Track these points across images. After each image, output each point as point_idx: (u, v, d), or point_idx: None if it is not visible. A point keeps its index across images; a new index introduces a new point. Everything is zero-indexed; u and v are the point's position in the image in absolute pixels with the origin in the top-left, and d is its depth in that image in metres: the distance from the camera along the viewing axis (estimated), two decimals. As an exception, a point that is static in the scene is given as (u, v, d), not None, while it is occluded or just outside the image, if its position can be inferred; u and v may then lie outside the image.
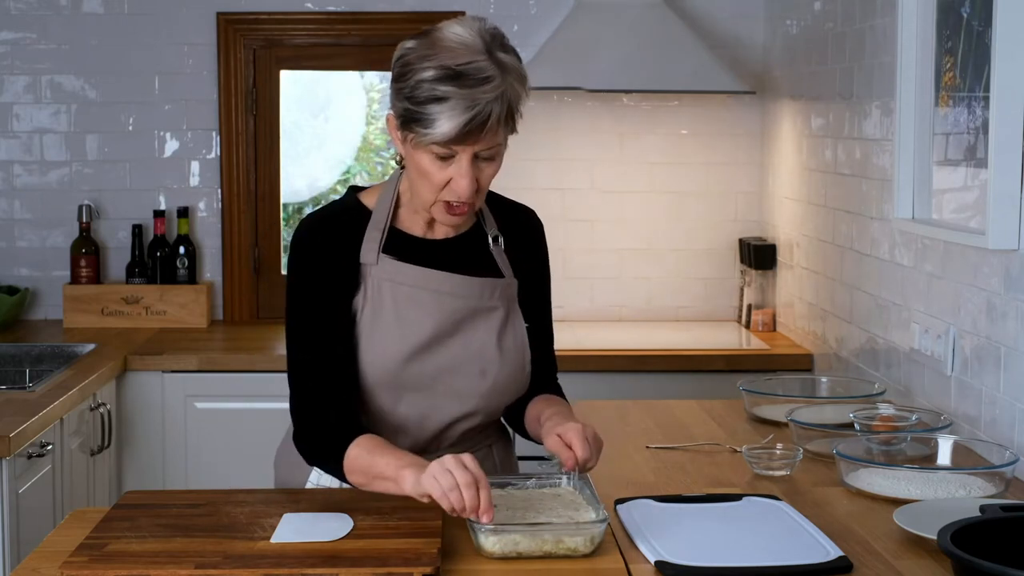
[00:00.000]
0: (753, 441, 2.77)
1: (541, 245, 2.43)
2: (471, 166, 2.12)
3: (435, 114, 2.07)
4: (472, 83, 2.06)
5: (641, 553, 2.01)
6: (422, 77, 2.08)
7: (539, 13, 4.65)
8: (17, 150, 4.66)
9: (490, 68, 2.08)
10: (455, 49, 2.09)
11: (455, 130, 2.07)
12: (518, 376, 2.34)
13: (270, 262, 4.75)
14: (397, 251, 2.27)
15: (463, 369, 2.27)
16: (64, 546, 2.01)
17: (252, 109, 4.68)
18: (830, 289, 3.90)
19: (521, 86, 2.14)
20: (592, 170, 4.72)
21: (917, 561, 2.02)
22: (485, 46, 2.10)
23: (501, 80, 2.09)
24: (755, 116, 4.72)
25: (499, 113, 2.08)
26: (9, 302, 4.46)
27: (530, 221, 2.42)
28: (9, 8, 4.62)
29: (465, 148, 2.10)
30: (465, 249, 2.31)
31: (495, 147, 2.13)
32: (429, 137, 2.09)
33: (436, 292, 2.26)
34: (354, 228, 2.27)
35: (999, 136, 2.61)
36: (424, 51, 2.10)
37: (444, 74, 2.07)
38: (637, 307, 4.78)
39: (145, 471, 4.10)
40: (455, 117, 2.06)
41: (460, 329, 2.27)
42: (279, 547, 1.96)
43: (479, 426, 2.35)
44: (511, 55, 2.14)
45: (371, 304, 2.25)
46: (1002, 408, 2.71)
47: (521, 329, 2.34)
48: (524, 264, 2.37)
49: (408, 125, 2.12)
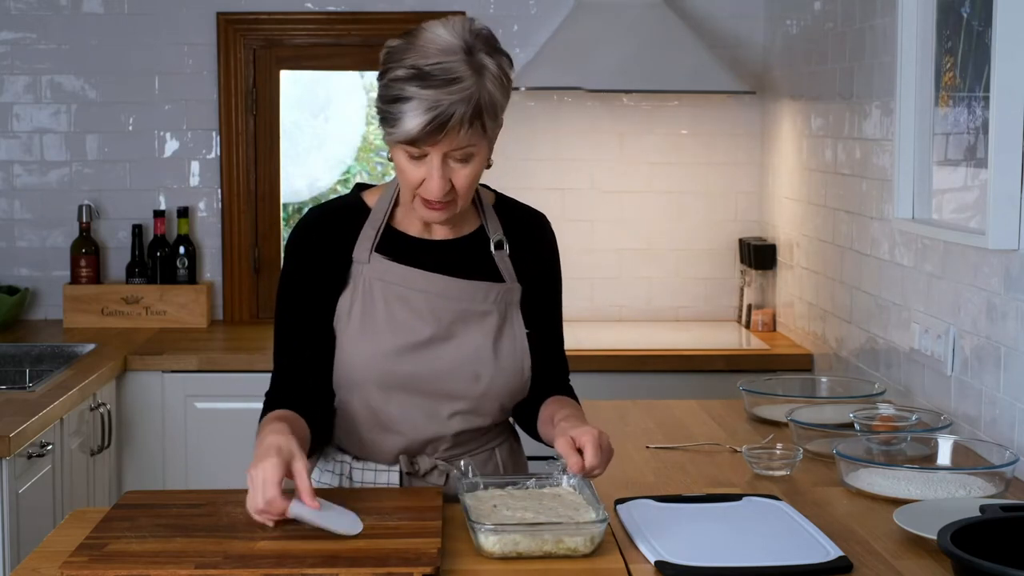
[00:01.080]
0: (753, 441, 2.77)
1: (551, 250, 2.43)
2: (441, 166, 2.13)
3: (399, 113, 2.10)
4: (437, 84, 2.08)
5: (641, 553, 2.01)
6: (393, 76, 2.12)
7: (539, 13, 4.65)
8: (17, 150, 4.66)
9: (461, 69, 2.09)
10: (428, 49, 2.11)
11: (416, 129, 2.08)
12: (515, 381, 2.32)
13: (270, 262, 4.75)
14: (392, 250, 2.28)
15: (456, 372, 2.27)
16: (64, 546, 2.01)
17: (252, 109, 4.68)
18: (830, 289, 3.90)
19: (499, 89, 2.14)
20: (592, 170, 4.72)
21: (917, 561, 2.02)
22: (465, 47, 2.11)
23: (473, 82, 2.09)
24: (755, 116, 4.72)
25: (463, 114, 2.08)
26: (9, 302, 4.46)
27: (540, 227, 2.42)
28: (9, 8, 4.62)
29: (433, 148, 2.12)
30: (465, 252, 2.31)
31: (466, 148, 2.13)
32: (394, 136, 2.12)
33: (425, 293, 2.26)
34: (351, 225, 2.28)
35: (999, 136, 2.61)
36: (401, 51, 2.14)
37: (411, 74, 2.09)
38: (637, 307, 4.78)
39: (145, 471, 4.10)
40: (417, 117, 2.08)
41: (453, 332, 2.27)
42: (279, 547, 1.96)
43: (480, 428, 2.34)
44: (496, 58, 2.14)
45: (361, 301, 2.26)
46: (1002, 408, 2.71)
47: (520, 334, 2.33)
48: (531, 269, 2.36)
49: (381, 123, 2.16)
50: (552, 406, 2.34)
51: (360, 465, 2.34)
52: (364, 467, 2.34)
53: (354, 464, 2.34)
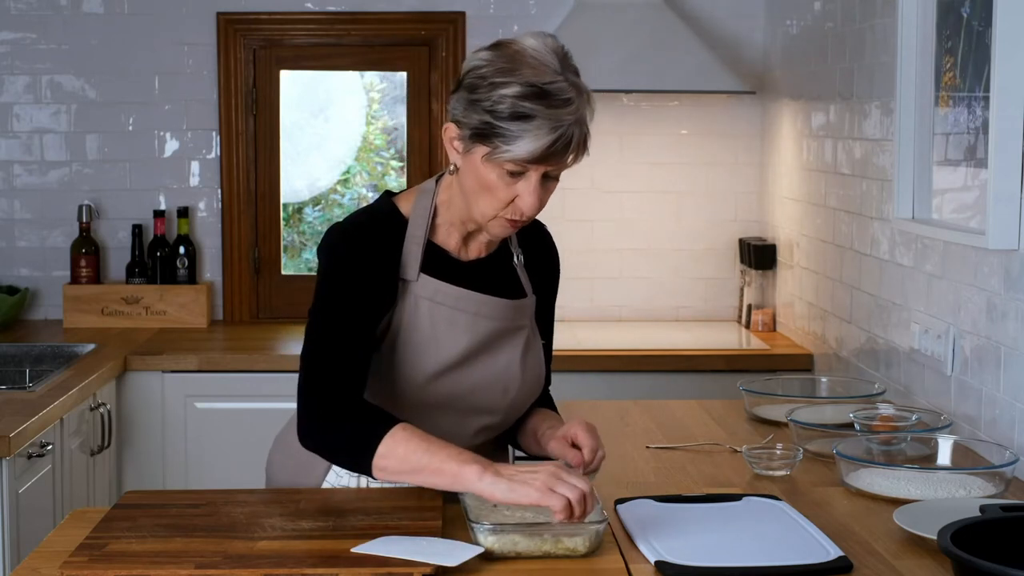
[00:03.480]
0: (753, 441, 2.77)
1: (555, 260, 2.43)
2: (539, 184, 2.11)
3: (519, 132, 2.05)
4: (557, 103, 2.04)
5: (641, 553, 2.01)
6: (506, 92, 2.05)
7: (539, 13, 4.65)
8: (17, 150, 4.66)
9: (569, 89, 2.07)
10: (539, 67, 2.06)
11: (540, 150, 2.05)
12: (535, 391, 2.35)
13: (270, 262, 4.75)
14: (435, 269, 2.23)
15: (488, 388, 2.26)
16: (64, 546, 2.01)
17: (252, 109, 4.68)
18: (830, 289, 3.90)
19: (591, 109, 2.12)
20: (592, 170, 4.72)
21: (917, 561, 2.02)
22: (561, 65, 2.08)
23: (579, 103, 2.07)
24: (755, 116, 4.72)
25: (579, 137, 2.07)
26: (9, 302, 4.46)
27: (544, 237, 2.42)
28: (9, 8, 4.62)
29: (539, 167, 2.09)
30: (495, 269, 2.30)
31: (561, 167, 2.12)
32: (509, 154, 2.06)
33: (472, 314, 2.24)
34: (392, 238, 2.22)
35: (999, 136, 2.61)
36: (504, 64, 2.07)
37: (530, 91, 2.04)
38: (637, 307, 4.78)
39: (145, 471, 4.10)
40: (540, 138, 2.04)
41: (488, 349, 2.26)
42: (279, 547, 1.96)
43: (493, 438, 2.36)
44: (578, 76, 2.12)
45: (405, 321, 2.21)
46: (1002, 408, 2.71)
47: (539, 345, 2.35)
48: (539, 279, 2.38)
49: (485, 139, 2.08)
50: (534, 420, 2.36)
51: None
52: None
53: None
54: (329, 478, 2.34)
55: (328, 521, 2.08)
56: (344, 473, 2.34)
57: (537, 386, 2.35)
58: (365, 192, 4.93)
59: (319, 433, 2.16)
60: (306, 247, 4.91)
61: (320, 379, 2.15)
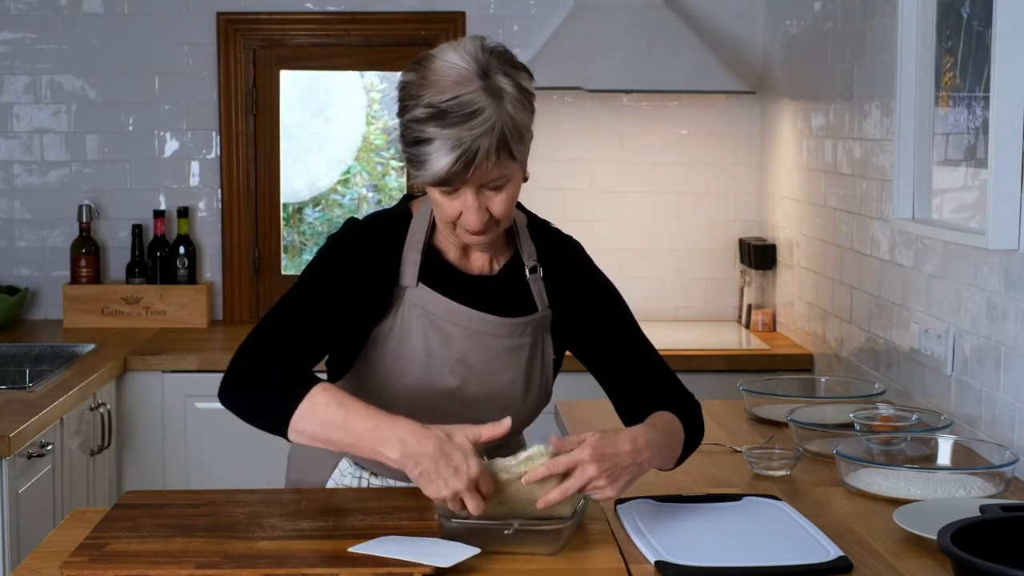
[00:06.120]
0: (753, 441, 2.77)
1: (587, 273, 2.36)
2: (476, 199, 2.06)
3: (423, 156, 2.02)
4: (456, 120, 1.99)
5: (641, 553, 2.01)
6: (411, 116, 2.03)
7: (539, 13, 4.65)
8: (17, 150, 4.66)
9: (480, 99, 2.00)
10: (442, 83, 2.02)
11: (442, 171, 2.01)
12: (540, 405, 2.32)
13: (270, 262, 4.75)
14: (436, 280, 2.21)
15: (487, 406, 2.22)
16: (64, 546, 2.01)
17: (252, 109, 4.68)
18: (830, 289, 3.90)
19: (521, 110, 2.05)
20: (592, 170, 4.72)
21: (917, 561, 2.02)
22: (480, 71, 2.03)
23: (493, 110, 2.01)
24: (755, 116, 4.72)
25: (489, 146, 2.00)
26: (9, 302, 4.46)
27: (571, 252, 2.35)
28: (9, 8, 4.62)
29: (465, 184, 2.05)
30: (501, 286, 2.25)
31: (499, 178, 2.06)
32: (422, 178, 2.05)
33: (464, 328, 2.20)
34: (395, 243, 2.21)
35: (999, 136, 2.61)
36: (416, 86, 2.04)
37: (429, 113, 2.01)
38: (637, 307, 4.69)
39: (145, 471, 4.10)
40: (441, 159, 2.00)
41: (488, 366, 2.23)
42: (279, 547, 1.96)
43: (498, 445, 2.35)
44: (514, 76, 2.05)
45: (399, 328, 2.20)
46: (1002, 408, 2.71)
47: (548, 359, 2.30)
48: (566, 295, 2.31)
49: (408, 163, 2.08)
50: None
51: (379, 481, 2.34)
52: (383, 482, 2.33)
53: (372, 480, 2.34)
54: (334, 476, 2.34)
55: (328, 521, 2.08)
56: (348, 472, 2.34)
57: (543, 400, 2.31)
58: (365, 192, 4.93)
59: (239, 387, 2.14)
60: (306, 247, 4.91)
61: (261, 343, 2.13)
